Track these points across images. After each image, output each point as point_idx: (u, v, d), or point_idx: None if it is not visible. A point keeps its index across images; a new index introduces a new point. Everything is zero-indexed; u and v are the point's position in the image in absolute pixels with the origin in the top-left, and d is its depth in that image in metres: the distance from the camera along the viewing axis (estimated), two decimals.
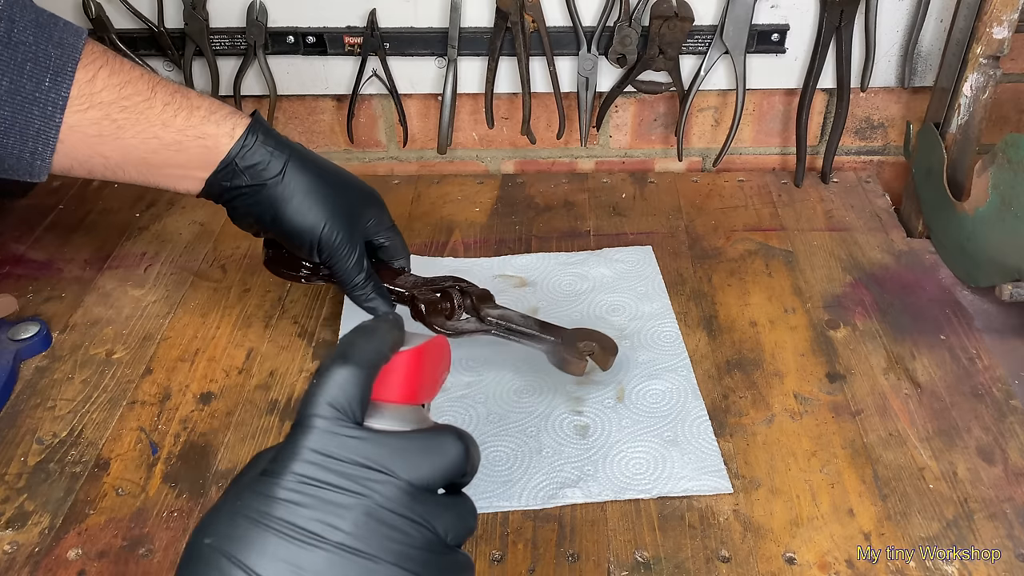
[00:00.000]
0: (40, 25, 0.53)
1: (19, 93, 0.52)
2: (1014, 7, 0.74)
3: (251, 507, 0.35)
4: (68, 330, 0.76)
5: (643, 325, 0.75)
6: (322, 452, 0.36)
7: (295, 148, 0.63)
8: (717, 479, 0.61)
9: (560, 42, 0.87)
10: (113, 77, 0.56)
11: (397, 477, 0.37)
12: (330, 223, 0.63)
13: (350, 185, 0.66)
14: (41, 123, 0.54)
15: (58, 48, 0.53)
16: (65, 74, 0.54)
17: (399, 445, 0.38)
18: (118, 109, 0.56)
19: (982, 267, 0.76)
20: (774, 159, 0.99)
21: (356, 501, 0.36)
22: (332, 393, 0.38)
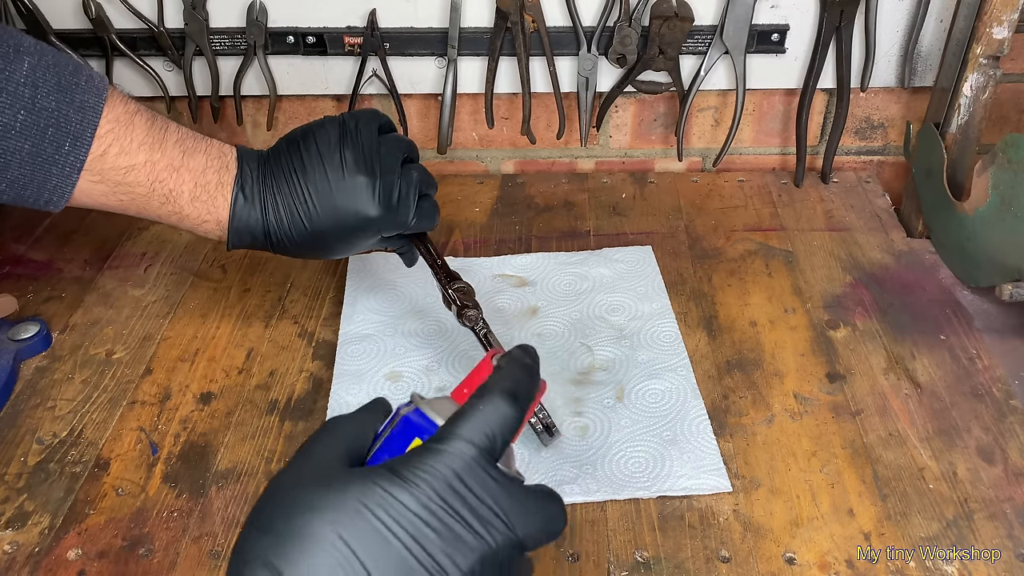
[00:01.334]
0: (62, 89, 0.55)
1: (40, 156, 0.54)
2: (1014, 7, 0.74)
3: (380, 506, 0.34)
4: (68, 330, 0.76)
5: (643, 325, 0.75)
6: (464, 481, 0.36)
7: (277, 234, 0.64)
8: (716, 478, 0.61)
9: (560, 42, 0.87)
10: (120, 159, 0.58)
11: (514, 532, 0.37)
12: (338, 253, 0.68)
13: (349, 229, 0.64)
14: (59, 181, 0.56)
15: (79, 113, 0.55)
16: (84, 139, 0.56)
17: (525, 501, 0.37)
18: (122, 192, 0.59)
19: (982, 267, 0.76)
20: (774, 159, 0.99)
21: (478, 543, 0.35)
22: (491, 426, 0.37)
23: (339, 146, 0.63)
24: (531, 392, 0.40)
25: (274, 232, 0.64)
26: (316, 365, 0.72)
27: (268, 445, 0.65)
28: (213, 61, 0.89)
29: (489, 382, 0.39)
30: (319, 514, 0.34)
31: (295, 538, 0.34)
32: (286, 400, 0.69)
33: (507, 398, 0.38)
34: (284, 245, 0.65)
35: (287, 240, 0.64)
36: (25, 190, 0.55)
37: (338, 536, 0.34)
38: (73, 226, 0.89)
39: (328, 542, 0.34)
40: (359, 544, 0.34)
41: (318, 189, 0.63)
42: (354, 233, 0.64)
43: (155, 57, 0.89)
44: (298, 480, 0.37)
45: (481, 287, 0.79)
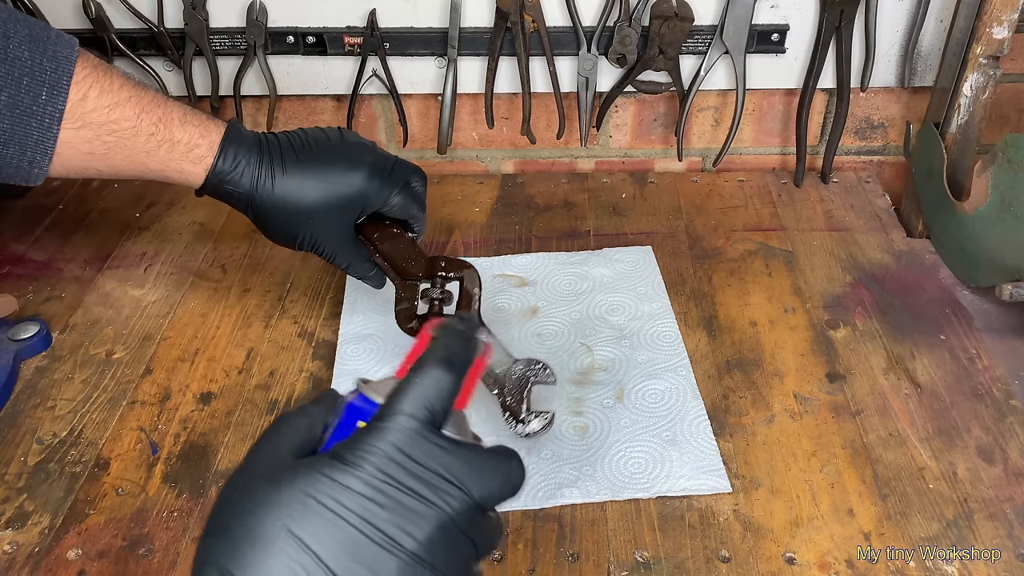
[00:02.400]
0: (34, 39, 0.55)
1: (17, 107, 0.54)
2: (1014, 7, 0.74)
3: (325, 493, 0.34)
4: (68, 330, 0.76)
5: (643, 325, 0.75)
6: (408, 454, 0.36)
7: (263, 179, 0.63)
8: (716, 478, 0.61)
9: (560, 42, 0.86)
10: (103, 98, 0.58)
11: (469, 494, 0.37)
12: (307, 237, 0.65)
13: (334, 185, 0.64)
14: (39, 134, 0.55)
15: (53, 62, 0.55)
16: (60, 87, 0.55)
17: (477, 462, 0.37)
18: (107, 132, 0.58)
19: (982, 267, 0.76)
20: (774, 159, 0.99)
21: (432, 512, 0.35)
22: (428, 396, 0.37)
23: (338, 129, 0.67)
24: (467, 357, 0.40)
25: (267, 163, 0.62)
26: (316, 365, 0.72)
27: None
28: (213, 61, 0.89)
29: (423, 354, 0.39)
30: (268, 510, 0.34)
31: (247, 540, 0.34)
32: (286, 400, 0.69)
33: (441, 365, 0.38)
34: (263, 197, 0.63)
35: (275, 180, 0.63)
36: (7, 148, 0.54)
37: (288, 531, 0.33)
38: (73, 226, 0.89)
39: (279, 539, 0.33)
40: (309, 534, 0.33)
41: (316, 138, 0.65)
42: (339, 190, 0.64)
43: (155, 57, 0.89)
44: (248, 479, 0.37)
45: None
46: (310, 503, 0.34)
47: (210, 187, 0.63)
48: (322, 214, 0.64)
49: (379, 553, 0.34)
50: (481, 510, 0.37)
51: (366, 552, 0.34)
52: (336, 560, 0.33)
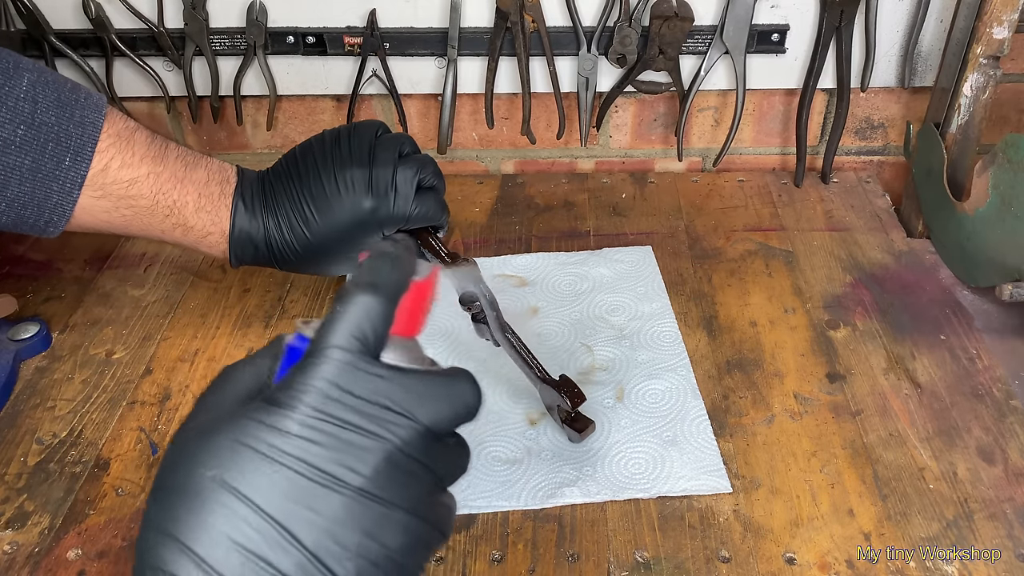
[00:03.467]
0: (62, 105, 0.55)
1: (40, 171, 0.54)
2: (1014, 7, 0.74)
3: (259, 439, 0.33)
4: (68, 330, 0.76)
5: (643, 325, 0.75)
6: (343, 387, 0.34)
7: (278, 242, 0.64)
8: (716, 479, 0.61)
9: (560, 42, 0.86)
10: (123, 171, 0.58)
11: (417, 421, 0.35)
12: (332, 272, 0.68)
13: (351, 232, 0.65)
14: (59, 198, 0.56)
15: (79, 127, 0.55)
16: (85, 154, 0.56)
17: (421, 387, 0.35)
18: (125, 207, 0.59)
19: (982, 267, 0.76)
20: (774, 159, 0.99)
21: (376, 444, 0.33)
22: (359, 323, 0.35)
23: (333, 148, 0.65)
24: (396, 278, 0.37)
25: (275, 241, 0.64)
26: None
27: None
28: (213, 61, 0.89)
29: (347, 282, 0.37)
30: (198, 463, 0.33)
31: (181, 497, 0.32)
32: None
33: (366, 290, 0.35)
34: (287, 256, 0.65)
35: (288, 250, 0.64)
36: (25, 209, 0.55)
37: (221, 481, 0.32)
38: None
39: (212, 491, 0.32)
40: (244, 483, 0.32)
41: (314, 194, 0.63)
42: (353, 231, 0.64)
43: (155, 57, 0.89)
44: (186, 434, 0.35)
45: None
46: (242, 450, 0.32)
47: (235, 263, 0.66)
48: (345, 253, 0.66)
49: (321, 492, 0.32)
50: (435, 436, 0.36)
51: (307, 493, 0.32)
52: (275, 505, 0.32)
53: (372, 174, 0.63)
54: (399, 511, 0.34)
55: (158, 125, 0.97)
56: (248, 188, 0.65)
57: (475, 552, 0.57)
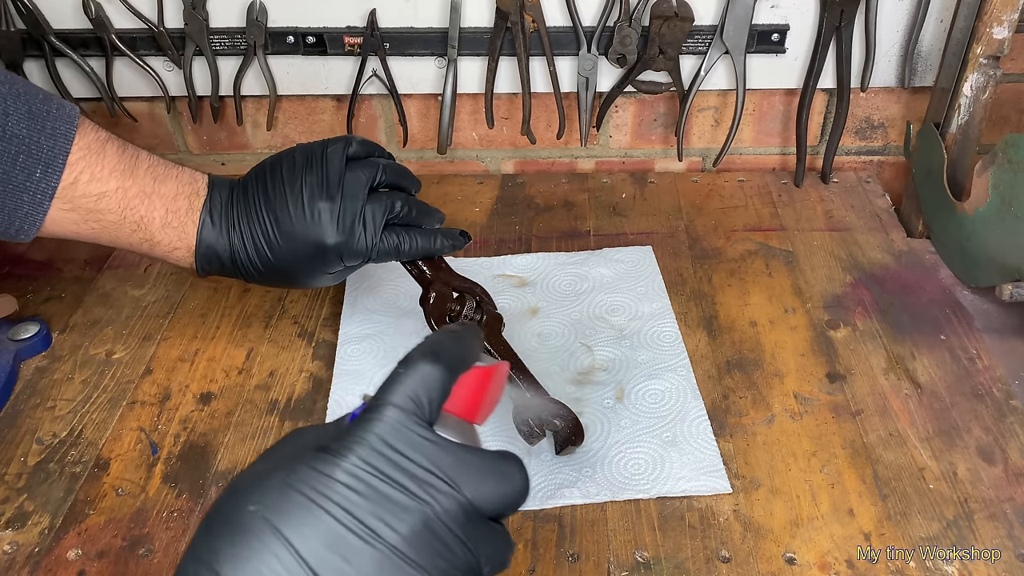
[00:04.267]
0: (33, 116, 0.55)
1: (11, 182, 0.54)
2: (1014, 7, 0.74)
3: (306, 483, 0.34)
4: (68, 330, 0.76)
5: (643, 325, 0.75)
6: (391, 445, 0.35)
7: (243, 261, 0.64)
8: (716, 479, 0.61)
9: (560, 42, 0.86)
10: (92, 185, 0.58)
11: (460, 493, 0.35)
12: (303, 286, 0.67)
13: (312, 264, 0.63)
14: (30, 208, 0.56)
15: (51, 139, 0.55)
16: (56, 166, 0.56)
17: (469, 460, 0.36)
18: (93, 220, 0.59)
19: (982, 267, 0.76)
20: (774, 159, 0.99)
21: (417, 506, 0.34)
22: (415, 387, 0.36)
23: (302, 172, 0.63)
24: (458, 353, 0.39)
25: (240, 260, 0.64)
26: (316, 365, 0.72)
27: (268, 445, 0.65)
28: (213, 61, 0.89)
29: (412, 350, 0.39)
30: (248, 500, 0.34)
31: (223, 528, 0.34)
32: (286, 400, 0.69)
33: (427, 358, 0.37)
34: (251, 273, 0.64)
35: (252, 268, 0.64)
36: None
37: (264, 519, 0.33)
38: None
39: (255, 528, 0.33)
40: (286, 524, 0.33)
41: (279, 218, 0.62)
42: (314, 261, 0.63)
43: (155, 57, 0.89)
44: (244, 475, 0.36)
45: None
46: (290, 493, 0.34)
47: (203, 275, 0.66)
48: (310, 275, 0.65)
49: (357, 544, 0.33)
50: (479, 515, 0.36)
51: (344, 543, 0.33)
52: (311, 550, 0.33)
53: (341, 208, 0.62)
54: None
55: (158, 125, 0.97)
56: (217, 202, 0.63)
57: None
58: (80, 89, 0.91)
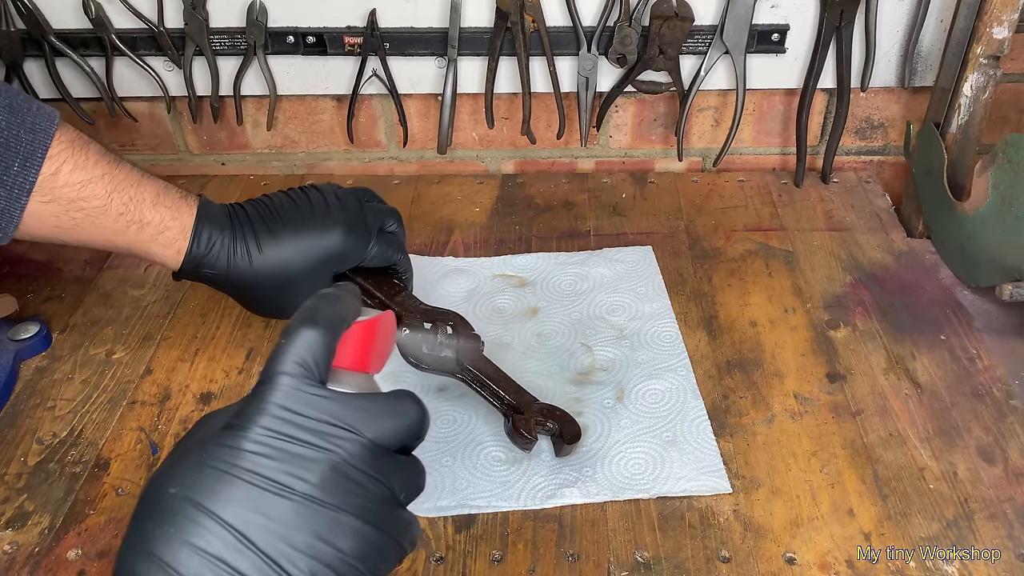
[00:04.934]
0: (13, 110, 0.54)
1: None
2: (1014, 7, 0.74)
3: (217, 458, 0.36)
4: (68, 330, 0.76)
5: (643, 325, 0.75)
6: (289, 408, 0.38)
7: (238, 258, 0.63)
8: (716, 479, 0.61)
9: (560, 42, 0.86)
10: (75, 174, 0.57)
11: (361, 435, 0.38)
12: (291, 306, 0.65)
13: (311, 250, 0.64)
14: (6, 203, 0.55)
15: (30, 134, 0.55)
16: (34, 160, 0.55)
17: (363, 405, 0.39)
18: (75, 208, 0.58)
19: (982, 267, 0.76)
20: (774, 159, 0.99)
21: (323, 455, 0.37)
22: (299, 352, 0.39)
23: (301, 191, 0.67)
24: (335, 313, 0.41)
25: (241, 240, 0.63)
26: None
27: None
28: (213, 61, 0.89)
29: (290, 320, 0.41)
30: (167, 485, 0.37)
31: (150, 513, 0.36)
32: None
33: (306, 324, 0.39)
34: (246, 267, 0.63)
35: (251, 257, 0.63)
36: None
37: (184, 498, 0.36)
38: None
39: (177, 506, 0.36)
40: (205, 496, 0.35)
41: (284, 205, 0.65)
42: (316, 254, 0.64)
43: (155, 57, 0.89)
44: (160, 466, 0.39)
45: (481, 287, 0.79)
46: (205, 470, 0.36)
47: (188, 272, 0.64)
48: (303, 281, 0.64)
49: (273, 500, 0.36)
50: (384, 451, 0.39)
51: (262, 502, 0.36)
52: (234, 514, 0.35)
53: (345, 206, 0.66)
54: (348, 516, 0.37)
55: (158, 125, 0.97)
56: (212, 202, 0.64)
57: (475, 552, 0.57)
58: (80, 89, 0.91)
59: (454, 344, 0.65)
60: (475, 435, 0.65)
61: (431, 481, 0.61)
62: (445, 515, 0.59)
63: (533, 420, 0.62)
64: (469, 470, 0.62)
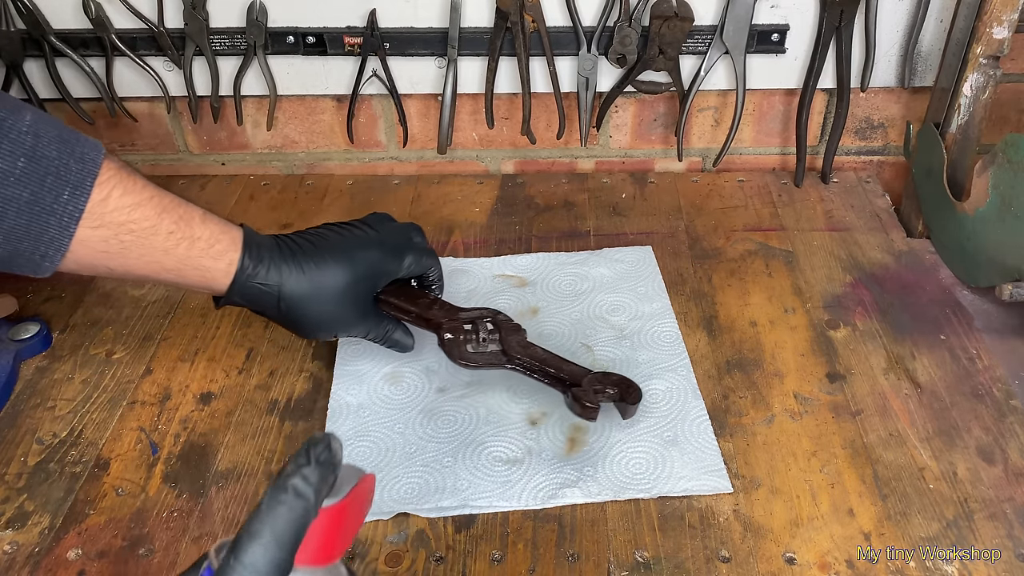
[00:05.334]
0: (63, 141, 0.55)
1: (39, 204, 0.54)
2: (1014, 7, 0.74)
3: None
4: (68, 330, 0.76)
5: (643, 325, 0.75)
6: None
7: (289, 270, 0.63)
8: (717, 479, 0.61)
9: (560, 42, 0.86)
10: (125, 198, 0.58)
11: None
12: (339, 323, 0.66)
13: (358, 268, 0.65)
14: (56, 231, 0.55)
15: (79, 163, 0.55)
16: (84, 188, 0.55)
17: None
18: (125, 231, 0.58)
19: (982, 267, 0.76)
20: (774, 159, 0.99)
21: None
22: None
23: (324, 226, 0.68)
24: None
25: (289, 256, 0.63)
26: (316, 365, 0.72)
27: (268, 445, 0.65)
28: (213, 61, 0.89)
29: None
30: None
31: None
32: (286, 400, 0.69)
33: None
34: (298, 282, 0.63)
35: (304, 271, 0.63)
36: (22, 242, 0.55)
37: None
38: None
39: None
40: None
41: (322, 233, 0.67)
42: (361, 270, 0.65)
43: (155, 57, 0.89)
44: None
45: (481, 287, 0.79)
46: None
47: (238, 286, 0.62)
48: (352, 294, 0.65)
49: None
50: None
51: None
52: None
53: (381, 227, 0.69)
54: None
55: (158, 125, 0.97)
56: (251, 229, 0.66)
57: (475, 552, 0.57)
58: (80, 89, 0.91)
59: (497, 338, 0.67)
60: (476, 435, 0.65)
61: (432, 481, 0.61)
62: (446, 515, 0.59)
63: (592, 390, 0.63)
64: (470, 470, 0.62)
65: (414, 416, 0.67)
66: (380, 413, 0.67)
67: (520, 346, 0.67)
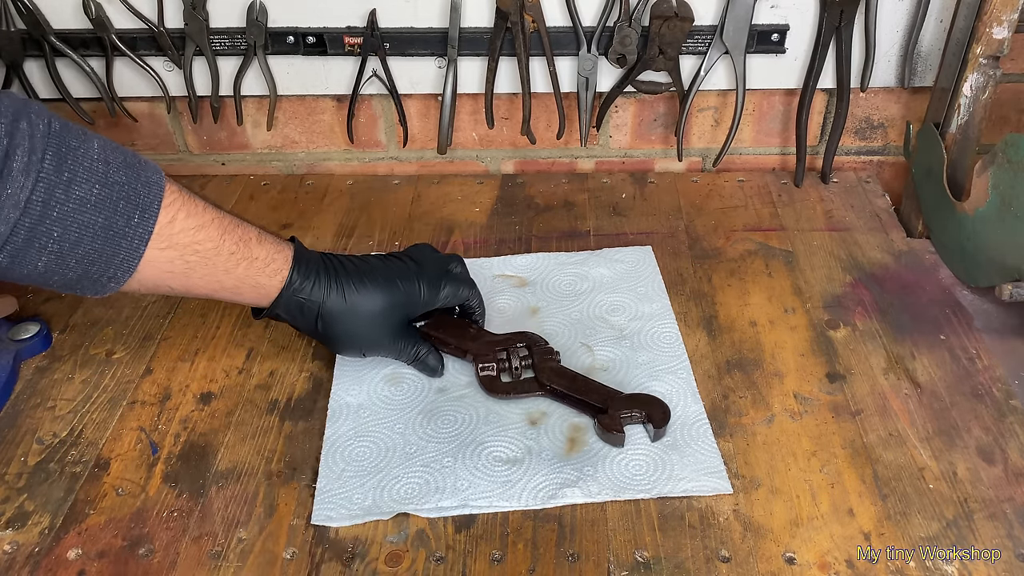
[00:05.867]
0: (129, 166, 0.57)
1: (112, 228, 0.55)
2: (1014, 7, 0.74)
3: None
4: (68, 330, 0.76)
5: (643, 325, 0.75)
6: None
7: (331, 288, 0.65)
8: (717, 479, 0.61)
9: (560, 42, 0.86)
10: (190, 219, 0.59)
11: None
12: (373, 343, 0.68)
13: (395, 296, 0.67)
14: (126, 254, 0.57)
15: (146, 187, 0.57)
16: (152, 210, 0.57)
17: None
18: (191, 252, 0.60)
19: (982, 267, 0.76)
20: (774, 159, 0.99)
21: None
22: None
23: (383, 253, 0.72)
24: None
25: (334, 275, 0.65)
26: (316, 365, 0.72)
27: (268, 445, 0.65)
28: (213, 61, 0.89)
29: None
30: None
31: None
32: (286, 400, 0.69)
33: None
34: (340, 300, 0.65)
35: (345, 290, 0.65)
36: (93, 265, 0.56)
37: None
38: None
39: None
40: None
41: (368, 259, 0.69)
42: (399, 297, 0.67)
43: (155, 57, 0.89)
44: None
45: (481, 287, 0.79)
46: None
47: (283, 300, 0.64)
48: (386, 318, 0.67)
49: None
50: None
51: None
52: None
53: (424, 257, 0.71)
54: None
55: (158, 125, 0.97)
56: (302, 245, 0.68)
57: (475, 552, 0.57)
58: (80, 89, 0.91)
59: (531, 364, 0.69)
60: (476, 435, 0.65)
61: (432, 481, 0.61)
62: (446, 515, 0.59)
63: (618, 416, 0.63)
64: (470, 470, 0.62)
65: (414, 416, 0.67)
66: (380, 413, 0.67)
67: (553, 372, 0.68)
